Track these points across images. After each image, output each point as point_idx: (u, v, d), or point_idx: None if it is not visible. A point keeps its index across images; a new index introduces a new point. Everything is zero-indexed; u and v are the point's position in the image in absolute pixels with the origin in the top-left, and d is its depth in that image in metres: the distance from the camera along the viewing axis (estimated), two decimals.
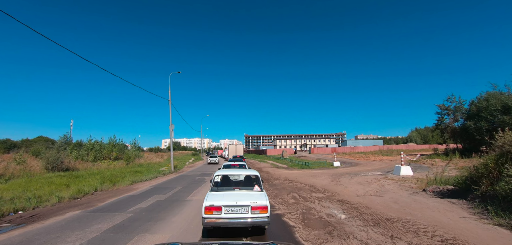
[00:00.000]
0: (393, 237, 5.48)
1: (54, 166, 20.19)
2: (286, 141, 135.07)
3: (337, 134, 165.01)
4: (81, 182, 13.93)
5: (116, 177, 16.78)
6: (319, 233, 5.90)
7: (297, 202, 9.42)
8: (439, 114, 30.12)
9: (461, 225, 6.14)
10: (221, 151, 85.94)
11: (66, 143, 29.98)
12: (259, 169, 24.43)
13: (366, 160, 33.33)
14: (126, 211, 8.42)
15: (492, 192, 7.25)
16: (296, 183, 14.40)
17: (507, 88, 22.76)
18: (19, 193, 10.72)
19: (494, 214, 6.43)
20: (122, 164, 28.76)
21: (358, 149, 69.85)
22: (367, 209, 7.93)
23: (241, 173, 7.14)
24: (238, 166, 12.30)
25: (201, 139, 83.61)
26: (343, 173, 18.51)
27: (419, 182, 12.12)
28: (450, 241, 5.17)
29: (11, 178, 15.77)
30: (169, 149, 30.70)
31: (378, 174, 17.06)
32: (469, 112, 25.47)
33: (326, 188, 12.34)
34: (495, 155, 8.08)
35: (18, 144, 41.00)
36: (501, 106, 21.53)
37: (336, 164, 26.04)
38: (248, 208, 5.35)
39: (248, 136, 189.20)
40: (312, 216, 7.38)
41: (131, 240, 5.66)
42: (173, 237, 5.91)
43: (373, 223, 6.52)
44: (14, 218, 7.92)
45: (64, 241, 5.68)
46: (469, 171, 9.07)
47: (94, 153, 29.15)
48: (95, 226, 6.79)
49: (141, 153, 39.94)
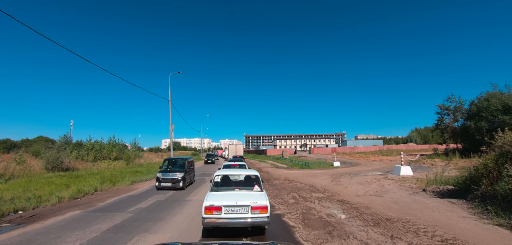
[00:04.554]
0: (393, 237, 5.48)
1: (54, 166, 20.20)
2: (286, 141, 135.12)
3: (337, 134, 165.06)
4: (81, 182, 13.92)
5: (116, 177, 16.78)
6: (319, 233, 5.90)
7: (297, 202, 9.42)
8: (439, 114, 30.17)
9: (461, 225, 6.15)
10: (221, 151, 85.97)
11: (66, 143, 29.97)
12: (259, 169, 24.44)
13: (366, 160, 33.34)
14: (126, 211, 8.42)
15: (492, 192, 7.26)
16: (296, 183, 14.41)
17: (507, 88, 22.82)
18: (19, 193, 10.72)
19: (494, 214, 6.43)
20: (122, 164, 28.76)
21: (358, 149, 69.89)
22: (367, 209, 7.93)
23: (241, 173, 7.14)
24: (238, 166, 12.29)
25: (201, 139, 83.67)
26: (343, 173, 18.51)
27: (419, 182, 12.12)
28: (450, 241, 5.17)
29: (11, 178, 15.78)
30: (169, 149, 30.72)
31: (378, 174, 17.06)
32: (469, 112, 25.49)
33: (326, 188, 12.34)
34: (495, 155, 8.08)
35: (18, 144, 40.98)
36: (502, 106, 21.55)
37: (336, 164, 26.06)
38: (248, 208, 5.35)
39: (248, 136, 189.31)
40: (312, 216, 7.38)
41: (131, 240, 5.66)
42: (173, 237, 5.91)
43: (373, 223, 6.52)
44: (14, 218, 7.92)
45: (64, 241, 5.68)
46: (469, 171, 9.07)
47: (94, 153, 29.15)
48: (95, 226, 6.79)
49: (141, 153, 39.95)
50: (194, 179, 16.13)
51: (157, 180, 12.87)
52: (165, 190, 12.52)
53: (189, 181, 14.27)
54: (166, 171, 13.24)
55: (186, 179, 13.41)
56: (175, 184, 12.54)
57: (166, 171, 13.31)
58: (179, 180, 12.63)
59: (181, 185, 12.57)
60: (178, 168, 13.59)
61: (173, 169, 13.63)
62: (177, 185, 12.55)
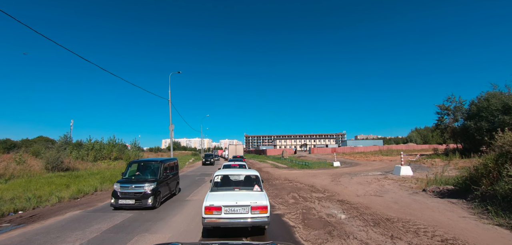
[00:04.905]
0: (393, 237, 5.48)
1: (54, 166, 20.19)
2: (286, 141, 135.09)
3: (337, 134, 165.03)
4: (81, 182, 13.93)
5: (116, 177, 16.75)
6: (319, 233, 5.91)
7: (297, 202, 9.42)
8: (439, 114, 30.15)
9: (461, 225, 6.15)
10: (221, 151, 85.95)
11: (66, 143, 29.94)
12: (259, 169, 24.44)
13: (366, 160, 33.33)
14: (126, 211, 8.41)
15: (492, 192, 7.26)
16: (296, 183, 14.41)
17: (507, 88, 22.80)
18: (19, 193, 10.73)
19: (494, 214, 6.44)
20: (122, 164, 28.70)
21: (358, 149, 69.88)
22: (367, 209, 7.93)
23: (241, 173, 7.14)
24: (238, 166, 12.29)
25: (201, 139, 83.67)
26: (343, 173, 18.51)
27: (419, 182, 12.12)
28: (450, 241, 5.17)
29: (11, 178, 15.77)
30: (169, 149, 30.70)
31: (378, 174, 17.06)
32: (470, 112, 25.47)
33: (326, 188, 12.34)
34: (495, 155, 8.08)
35: (18, 144, 40.99)
36: (502, 106, 21.55)
37: (336, 164, 26.05)
38: (248, 208, 5.35)
39: (248, 136, 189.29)
40: (312, 216, 7.38)
41: (131, 240, 5.66)
42: (173, 237, 5.91)
43: (373, 223, 6.53)
44: (14, 218, 7.92)
45: (64, 241, 5.68)
46: (469, 171, 9.08)
47: (94, 153, 29.13)
48: (95, 226, 6.79)
49: (141, 153, 39.91)
50: (178, 190, 11.73)
51: (113, 195, 8.56)
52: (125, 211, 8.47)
53: (167, 194, 10.05)
54: (129, 181, 8.95)
55: (161, 192, 9.21)
56: (141, 201, 8.38)
57: (129, 180, 9.04)
58: (147, 194, 8.47)
59: (149, 203, 8.39)
60: (149, 175, 9.59)
61: (140, 177, 9.54)
62: (144, 203, 8.38)
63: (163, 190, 9.52)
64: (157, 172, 9.58)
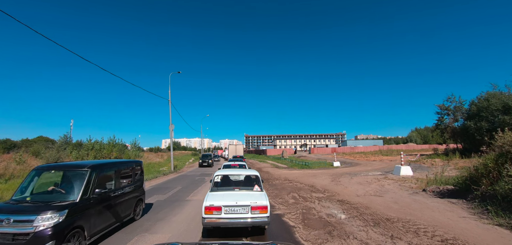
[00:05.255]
0: (393, 237, 5.48)
1: None
2: (286, 141, 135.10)
3: (337, 134, 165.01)
4: None
5: None
6: (319, 233, 5.91)
7: (297, 202, 9.42)
8: (439, 114, 30.16)
9: (461, 225, 6.15)
10: (221, 151, 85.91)
11: (66, 143, 29.95)
12: (259, 169, 24.43)
13: (366, 160, 33.32)
14: None
15: (492, 192, 7.26)
16: (296, 183, 14.41)
17: (507, 88, 22.82)
18: None
19: (494, 214, 6.44)
20: None
21: (358, 149, 69.87)
22: (367, 209, 7.93)
23: (241, 173, 7.14)
24: (238, 166, 12.29)
25: (201, 139, 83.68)
26: (343, 173, 18.51)
27: (419, 182, 12.12)
28: (450, 241, 5.17)
29: (11, 178, 15.77)
30: (169, 149, 30.71)
31: (378, 174, 17.06)
32: (470, 112, 25.48)
33: (326, 188, 12.34)
34: (495, 155, 8.09)
35: (18, 144, 40.95)
36: (502, 106, 21.56)
37: (336, 164, 26.05)
38: (248, 208, 5.35)
39: (248, 136, 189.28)
40: (312, 216, 7.38)
41: (131, 240, 5.66)
42: (173, 237, 5.91)
43: (373, 223, 6.53)
44: None
45: None
46: (469, 171, 9.08)
47: (94, 153, 29.09)
48: None
49: (141, 153, 39.85)
50: (139, 213, 7.50)
51: None
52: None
53: (111, 223, 5.93)
54: (12, 208, 4.57)
55: (92, 225, 5.16)
56: None
57: (14, 206, 4.68)
58: (41, 237, 4.16)
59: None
60: (66, 193, 5.14)
61: (42, 197, 5.10)
62: None
63: (98, 220, 5.39)
64: (79, 188, 5.11)
